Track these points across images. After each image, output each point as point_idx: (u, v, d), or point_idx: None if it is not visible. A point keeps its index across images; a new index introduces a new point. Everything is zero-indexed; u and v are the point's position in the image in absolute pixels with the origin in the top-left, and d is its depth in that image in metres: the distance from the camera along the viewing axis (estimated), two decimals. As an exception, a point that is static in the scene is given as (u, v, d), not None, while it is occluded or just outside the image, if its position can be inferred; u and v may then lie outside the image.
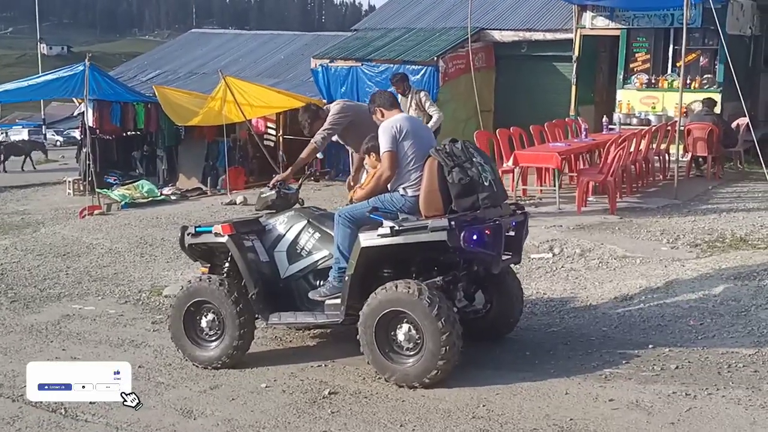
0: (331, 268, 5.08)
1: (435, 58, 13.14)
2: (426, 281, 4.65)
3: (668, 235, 7.32)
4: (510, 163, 8.72)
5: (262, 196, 5.62)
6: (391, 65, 13.44)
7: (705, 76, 11.60)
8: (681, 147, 9.44)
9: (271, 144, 15.63)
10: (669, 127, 10.38)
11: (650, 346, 4.72)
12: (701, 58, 11.70)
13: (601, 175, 8.51)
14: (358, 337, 4.64)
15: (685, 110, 11.36)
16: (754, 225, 7.57)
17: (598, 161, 9.84)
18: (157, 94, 14.34)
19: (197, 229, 5.41)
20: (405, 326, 4.55)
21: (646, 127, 10.67)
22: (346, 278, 4.78)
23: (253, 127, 15.14)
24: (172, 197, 13.77)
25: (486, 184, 4.61)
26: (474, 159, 4.66)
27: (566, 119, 11.42)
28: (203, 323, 5.19)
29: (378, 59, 13.84)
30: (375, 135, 5.14)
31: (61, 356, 5.36)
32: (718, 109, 11.07)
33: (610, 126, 10.88)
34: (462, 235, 4.41)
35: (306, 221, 5.34)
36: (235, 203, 12.08)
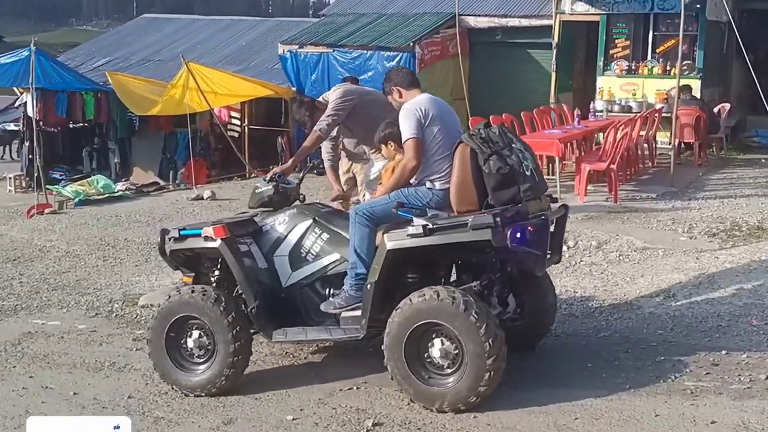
0: (342, 274, 4.45)
1: (411, 44, 12.60)
2: (461, 287, 4.06)
3: (680, 225, 7.09)
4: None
5: (256, 191, 4.92)
6: (365, 51, 12.86)
7: (685, 62, 11.39)
8: (673, 133, 9.20)
9: (236, 135, 14.85)
10: (657, 114, 10.15)
11: (723, 351, 4.25)
12: (681, 44, 11.46)
13: (602, 163, 8.09)
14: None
15: (665, 96, 11.21)
16: (762, 212, 7.44)
17: (592, 148, 9.51)
18: (111, 81, 13.37)
19: (182, 232, 4.67)
20: (439, 341, 3.94)
21: (629, 115, 10.48)
22: (368, 287, 4.15)
23: (216, 117, 14.30)
24: (128, 193, 12.85)
25: (527, 173, 4.04)
26: (513, 145, 4.08)
27: (552, 106, 11.01)
28: (189, 343, 4.48)
29: (350, 45, 13.28)
30: (392, 120, 4.54)
31: (28, 385, 4.56)
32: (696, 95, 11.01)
33: (597, 113, 10.52)
34: (509, 233, 3.82)
35: (311, 220, 4.68)
36: (202, 198, 11.28)
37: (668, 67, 11.33)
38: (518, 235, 3.92)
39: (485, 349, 3.77)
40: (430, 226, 3.96)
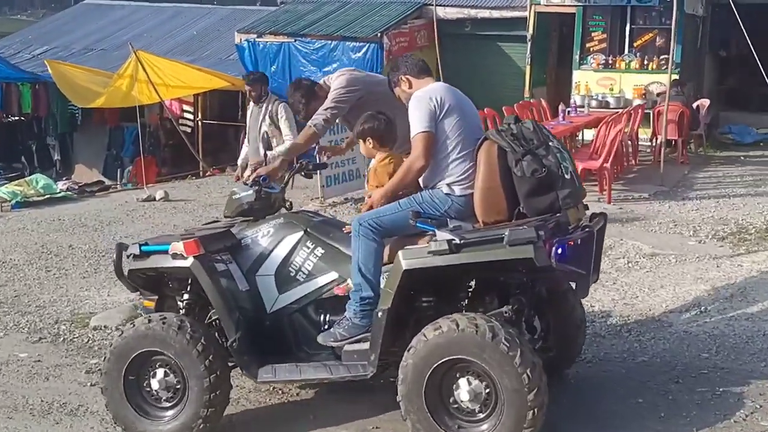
0: (341, 298, 3.77)
1: (378, 35, 11.91)
2: (490, 313, 3.42)
3: (683, 227, 6.80)
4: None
5: (235, 197, 4.16)
6: (329, 42, 12.13)
7: (662, 56, 11.11)
8: (665, 129, 8.82)
9: (188, 130, 13.92)
10: (641, 110, 9.85)
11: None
12: (657, 38, 11.19)
13: (595, 161, 7.61)
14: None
15: (643, 92, 10.91)
16: (762, 214, 7.27)
17: (577, 145, 9.07)
18: (51, 70, 12.26)
19: (143, 248, 3.88)
20: (465, 380, 3.28)
21: (607, 110, 10.21)
22: (379, 314, 3.45)
23: (167, 110, 13.33)
24: (71, 193, 11.77)
25: (567, 177, 3.42)
26: (550, 143, 3.45)
27: (531, 101, 10.53)
28: (153, 384, 3.71)
29: (313, 35, 12.57)
30: (374, 113, 3.92)
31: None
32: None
33: (578, 108, 10.06)
34: (553, 249, 3.18)
35: (302, 232, 3.96)
36: (154, 199, 10.37)
37: (645, 62, 11.07)
38: (560, 251, 3.29)
39: (524, 383, 3.14)
40: (457, 241, 3.28)
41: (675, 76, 10.72)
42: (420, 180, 3.74)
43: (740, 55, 13.60)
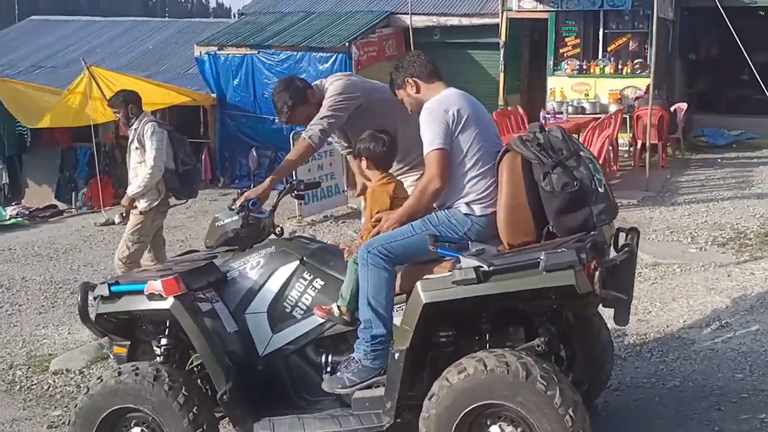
0: (346, 336, 3.33)
1: (347, 44, 11.48)
2: (520, 347, 3.01)
3: (680, 234, 6.63)
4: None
5: (218, 224, 3.66)
6: (294, 53, 11.69)
7: (636, 60, 10.98)
8: (648, 134, 8.62)
9: (146, 149, 13.18)
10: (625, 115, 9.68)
11: None
12: (631, 42, 11.08)
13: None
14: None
15: (619, 97, 10.76)
16: (755, 217, 7.19)
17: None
18: (-4, 89, 11.42)
19: (113, 288, 3.35)
20: (498, 428, 2.85)
21: (584, 116, 10.09)
22: (396, 356, 2.99)
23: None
24: (22, 219, 11.03)
25: (601, 190, 3.03)
26: (581, 153, 3.05)
27: (509, 108, 10.26)
28: None
29: (278, 46, 12.15)
30: (376, 133, 3.49)
31: None
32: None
33: (557, 114, 9.80)
34: (597, 274, 2.78)
35: (297, 261, 3.49)
36: (113, 223, 9.75)
37: (620, 66, 10.95)
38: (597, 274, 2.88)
39: (567, 426, 2.73)
40: (486, 268, 2.84)
41: (649, 80, 10.62)
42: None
43: (709, 58, 13.65)
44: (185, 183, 5.58)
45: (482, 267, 2.86)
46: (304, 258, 3.47)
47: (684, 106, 10.58)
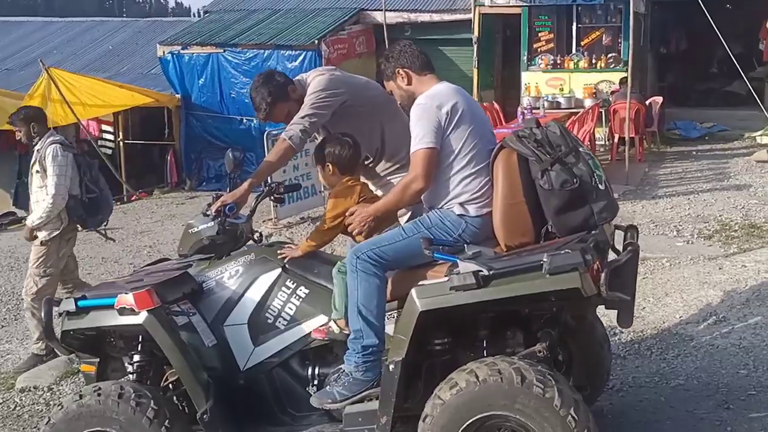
0: (334, 346, 3.14)
1: (316, 42, 11.21)
2: (521, 353, 2.86)
3: (665, 227, 6.56)
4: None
5: (192, 231, 3.41)
6: (262, 51, 11.39)
7: (610, 54, 10.95)
8: (628, 127, 8.68)
9: (109, 152, 12.81)
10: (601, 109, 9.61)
11: None
12: (604, 36, 11.04)
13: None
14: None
15: (593, 91, 10.71)
16: (737, 208, 7.18)
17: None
18: (-51, 93, 10.92)
19: (80, 303, 3.09)
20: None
21: (559, 111, 9.95)
22: (390, 366, 2.79)
23: (83, 131, 12.22)
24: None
25: (601, 187, 2.87)
26: (580, 149, 2.89)
27: (484, 104, 10.10)
28: None
29: (244, 44, 11.84)
30: (338, 136, 3.32)
31: None
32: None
33: (533, 110, 9.71)
34: (603, 275, 2.65)
35: (279, 269, 3.29)
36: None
37: (594, 61, 10.88)
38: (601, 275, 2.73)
39: (570, 427, 2.57)
40: (486, 272, 2.66)
41: (624, 74, 10.58)
42: (424, 200, 3.12)
43: (678, 51, 13.74)
44: (91, 212, 4.93)
45: (482, 271, 2.68)
46: (287, 265, 3.26)
47: (659, 99, 10.57)
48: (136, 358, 3.19)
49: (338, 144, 3.28)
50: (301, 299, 3.20)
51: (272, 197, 3.64)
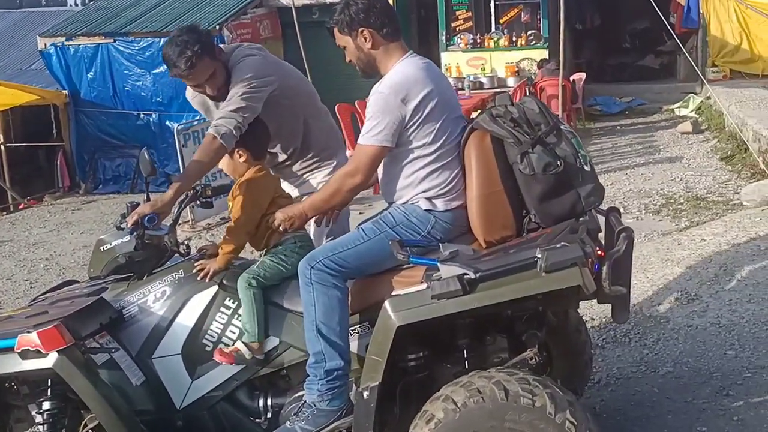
0: (293, 369, 2.69)
1: (217, 27, 10.47)
2: (510, 363, 2.52)
3: (609, 204, 6.36)
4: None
5: (104, 249, 2.84)
6: (157, 39, 10.50)
7: (530, 31, 10.83)
8: (561, 104, 8.69)
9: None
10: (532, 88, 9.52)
11: None
12: (522, 13, 10.91)
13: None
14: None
15: (516, 70, 10.59)
16: (676, 181, 7.09)
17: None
18: None
19: None
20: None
21: (483, 92, 9.71)
22: (365, 394, 2.38)
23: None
24: None
25: (587, 169, 2.56)
26: (561, 127, 2.56)
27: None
28: None
29: (137, 33, 10.95)
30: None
31: None
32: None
33: (459, 91, 9.44)
34: (605, 268, 2.34)
35: (215, 286, 2.79)
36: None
37: (514, 38, 10.72)
38: (596, 268, 2.41)
39: None
40: (472, 275, 2.28)
41: (545, 51, 10.50)
42: (383, 194, 2.71)
43: (593, 27, 13.88)
44: None
45: (467, 274, 2.29)
46: (224, 281, 2.77)
47: (582, 75, 10.53)
48: (46, 405, 2.66)
49: (254, 125, 2.86)
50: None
51: (198, 202, 3.10)
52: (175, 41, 2.86)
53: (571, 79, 10.16)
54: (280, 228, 2.67)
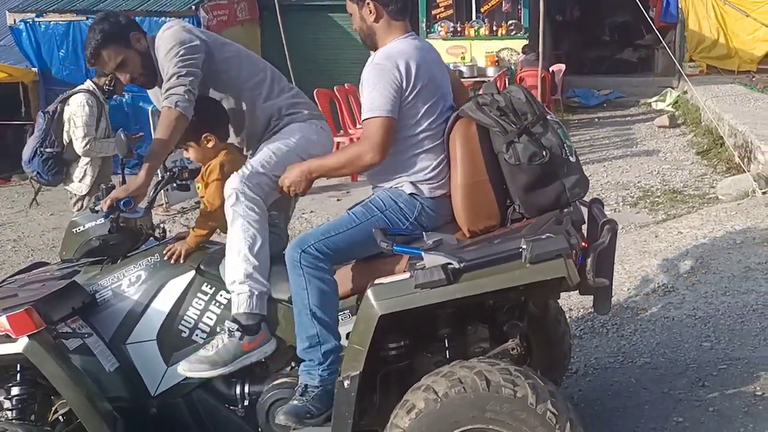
0: (272, 360, 2.64)
1: (193, 8, 10.30)
2: (492, 353, 2.48)
3: (587, 196, 6.43)
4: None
5: (77, 231, 2.76)
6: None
7: (510, 21, 10.80)
8: (540, 94, 8.58)
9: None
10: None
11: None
12: (503, 2, 10.90)
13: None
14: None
15: (496, 60, 10.57)
16: (652, 174, 7.16)
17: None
18: None
19: None
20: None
21: (463, 80, 9.61)
22: (345, 383, 2.36)
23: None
24: None
25: (572, 160, 2.54)
26: (548, 116, 2.54)
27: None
28: None
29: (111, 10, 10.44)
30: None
31: None
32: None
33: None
34: (590, 260, 2.31)
35: (192, 271, 2.73)
36: None
37: (495, 28, 10.70)
38: (579, 259, 2.40)
39: (552, 423, 2.20)
40: (456, 265, 2.25)
41: (525, 42, 10.46)
42: (369, 177, 2.66)
43: (573, 19, 13.90)
44: None
45: (451, 264, 2.25)
46: (201, 266, 2.71)
47: (562, 67, 10.58)
48: (15, 391, 2.58)
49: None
50: (222, 306, 2.67)
51: (175, 184, 3.02)
52: (90, 27, 2.78)
53: (550, 70, 10.17)
54: (290, 194, 2.61)
